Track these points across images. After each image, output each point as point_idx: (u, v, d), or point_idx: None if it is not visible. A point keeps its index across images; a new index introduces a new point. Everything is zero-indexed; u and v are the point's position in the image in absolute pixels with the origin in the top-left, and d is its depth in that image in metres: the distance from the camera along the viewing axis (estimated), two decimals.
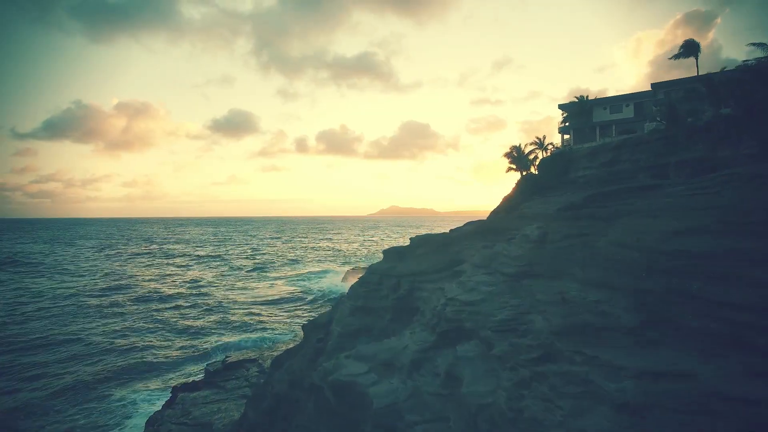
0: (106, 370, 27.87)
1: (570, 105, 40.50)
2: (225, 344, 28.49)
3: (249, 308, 38.70)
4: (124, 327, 33.01)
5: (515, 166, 51.70)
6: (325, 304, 37.93)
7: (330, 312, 25.44)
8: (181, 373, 28.38)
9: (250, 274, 62.13)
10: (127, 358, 27.82)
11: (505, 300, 19.48)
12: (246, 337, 29.86)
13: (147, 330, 32.02)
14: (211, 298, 43.76)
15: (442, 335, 20.41)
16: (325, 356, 25.49)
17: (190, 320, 34.53)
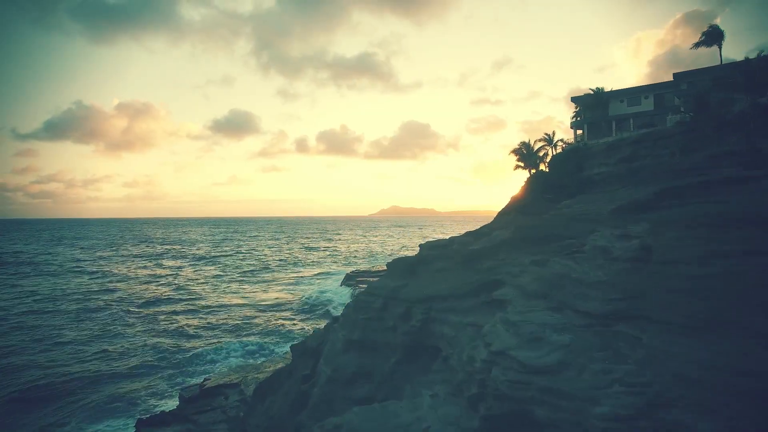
0: (68, 392, 25.04)
1: (584, 98, 37.80)
2: (208, 358, 25.84)
3: (239, 315, 36.09)
4: (99, 335, 30.46)
5: (523, 164, 49.00)
6: (321, 313, 35.32)
7: (322, 334, 21.70)
8: (154, 398, 25.36)
9: (245, 276, 59.53)
10: (96, 376, 25.09)
11: (604, 368, 11.30)
12: (233, 349, 27.23)
13: (125, 339, 29.46)
14: (201, 303, 41.18)
15: (490, 421, 12.93)
16: (309, 410, 20.00)
17: (174, 329, 31.93)
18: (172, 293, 46.46)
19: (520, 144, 46.12)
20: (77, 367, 28.29)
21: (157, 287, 51.05)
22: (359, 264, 70.95)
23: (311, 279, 54.89)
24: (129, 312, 38.34)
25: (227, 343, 28.50)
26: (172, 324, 33.63)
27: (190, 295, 44.07)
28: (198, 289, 48.61)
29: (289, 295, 44.31)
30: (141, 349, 26.90)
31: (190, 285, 50.81)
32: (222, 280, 56.82)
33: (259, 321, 33.77)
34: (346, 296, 39.56)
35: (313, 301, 40.56)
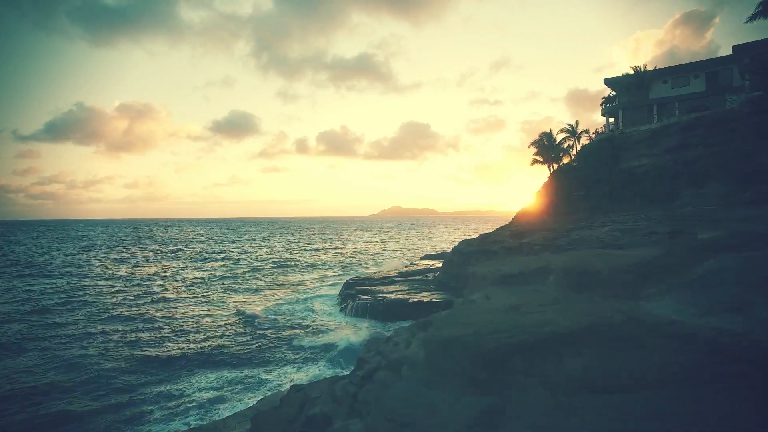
0: None
1: (621, 79, 32.72)
2: (171, 402, 20.83)
3: (219, 332, 30.93)
4: (45, 361, 25.58)
5: (542, 158, 43.96)
6: (313, 331, 30.19)
7: (302, 396, 15.92)
8: None
9: (234, 282, 54.28)
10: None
11: None
12: (206, 384, 22.02)
13: (72, 366, 24.59)
14: (176, 315, 36.10)
15: None
16: None
17: (140, 352, 26.85)
18: (147, 303, 41.27)
19: (541, 135, 41.06)
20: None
21: (130, 294, 45.89)
22: (360, 268, 65.59)
23: (305, 287, 49.57)
24: (90, 326, 33.23)
25: (201, 373, 23.33)
26: (137, 345, 28.55)
27: (165, 307, 38.85)
28: (177, 298, 43.33)
29: (278, 307, 38.96)
30: (91, 381, 21.96)
31: (169, 293, 45.55)
32: (207, 285, 51.59)
33: (240, 341, 28.57)
34: (343, 315, 34.39)
35: (297, 326, 35.25)
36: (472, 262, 35.77)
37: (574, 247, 26.75)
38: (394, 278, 42.29)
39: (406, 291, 36.66)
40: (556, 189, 35.45)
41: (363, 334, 28.09)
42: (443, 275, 39.07)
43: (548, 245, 29.49)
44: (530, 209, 38.27)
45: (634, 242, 21.87)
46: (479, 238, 37.27)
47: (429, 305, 31.96)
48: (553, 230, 31.07)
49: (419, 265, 51.94)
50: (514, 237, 33.57)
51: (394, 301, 33.02)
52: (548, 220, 33.85)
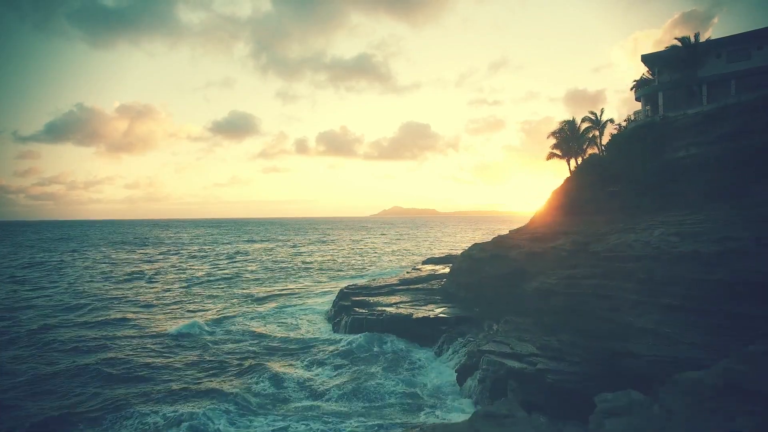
0: None
1: (665, 54, 27.72)
2: None
3: (189, 360, 25.76)
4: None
5: (560, 152, 38.99)
6: (300, 356, 25.20)
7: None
8: None
9: (219, 289, 49.35)
10: None
11: None
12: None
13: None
14: (145, 336, 31.06)
15: None
16: None
17: (101, 384, 21.97)
18: (113, 317, 36.33)
19: (563, 123, 36.14)
20: None
21: (105, 304, 41.01)
22: (357, 273, 60.60)
23: (295, 296, 44.54)
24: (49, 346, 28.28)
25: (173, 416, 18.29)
26: (98, 374, 23.58)
27: (134, 326, 33.77)
28: (135, 306, 38.37)
29: (253, 322, 33.80)
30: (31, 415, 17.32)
31: (141, 307, 40.55)
32: (189, 292, 46.49)
33: (170, 375, 23.28)
34: (335, 332, 29.33)
35: (282, 333, 30.28)
36: (487, 269, 30.94)
37: (615, 253, 21.90)
38: (394, 287, 37.41)
39: (409, 303, 31.79)
40: (582, 185, 30.54)
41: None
42: (451, 284, 34.20)
43: (580, 251, 24.61)
44: (549, 209, 33.36)
45: (711, 251, 17.00)
46: (493, 242, 32.38)
47: (436, 322, 27.13)
48: (583, 233, 26.17)
49: (422, 270, 47.01)
50: (536, 241, 28.69)
51: (395, 317, 28.13)
52: (573, 222, 28.95)
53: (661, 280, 18.68)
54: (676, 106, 27.22)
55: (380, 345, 25.63)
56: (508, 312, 25.71)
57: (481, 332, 24.84)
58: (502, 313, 26.11)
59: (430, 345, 25.85)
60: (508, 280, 28.20)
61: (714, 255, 16.98)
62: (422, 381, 21.09)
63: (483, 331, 24.91)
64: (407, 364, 23.18)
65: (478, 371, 18.59)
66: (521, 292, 26.51)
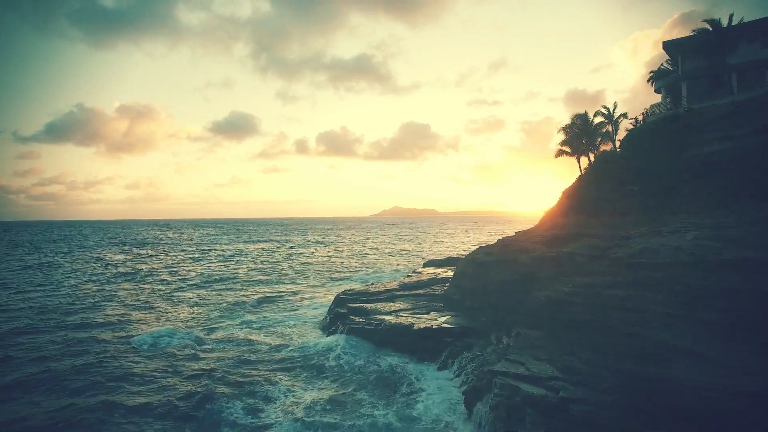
0: None
1: (691, 40, 25.31)
2: None
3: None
4: None
5: (570, 149, 36.67)
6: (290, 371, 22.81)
7: None
8: None
9: (199, 291, 47.07)
10: None
11: None
12: None
13: None
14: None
15: None
16: None
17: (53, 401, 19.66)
18: (88, 321, 34.06)
19: (574, 117, 33.79)
20: None
21: (84, 306, 38.82)
22: (355, 275, 58.25)
23: (287, 301, 42.08)
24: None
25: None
26: (53, 381, 21.31)
27: (106, 330, 31.44)
28: (124, 320, 35.97)
29: (238, 332, 31.35)
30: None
31: (120, 310, 38.25)
32: (176, 295, 44.21)
33: (135, 386, 20.95)
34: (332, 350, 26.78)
35: (268, 346, 27.83)
36: (493, 274, 28.59)
37: (641, 260, 19.55)
38: (394, 292, 35.07)
39: (410, 311, 29.43)
40: (596, 184, 28.21)
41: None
42: (454, 290, 31.86)
43: (598, 257, 22.24)
44: (560, 209, 31.01)
45: (761, 259, 14.65)
46: (500, 245, 30.03)
47: (439, 333, 24.77)
48: (601, 236, 23.83)
49: (423, 273, 44.65)
50: (548, 244, 26.35)
51: (394, 327, 25.77)
52: (588, 223, 26.63)
53: (697, 292, 16.37)
54: (701, 97, 24.88)
55: (376, 361, 23.22)
56: (517, 322, 23.38)
57: (489, 345, 22.47)
58: (511, 323, 23.78)
59: (433, 359, 23.51)
60: (516, 287, 25.86)
61: (765, 264, 14.62)
62: (423, 406, 18.62)
63: (491, 344, 22.53)
64: (405, 386, 20.67)
65: (490, 395, 16.22)
66: (532, 300, 24.15)
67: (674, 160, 24.18)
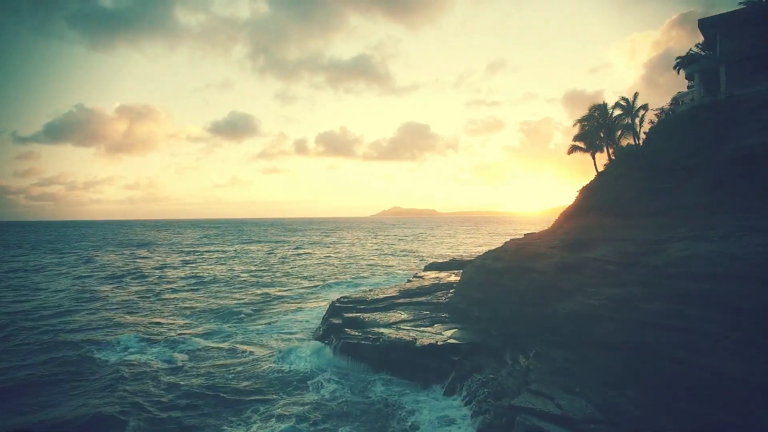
0: None
1: (733, 15, 22.29)
2: None
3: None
4: None
5: (584, 144, 33.70)
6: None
7: None
8: None
9: (183, 294, 44.18)
10: None
11: None
12: None
13: None
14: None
15: None
16: None
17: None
18: (48, 323, 31.13)
19: (592, 108, 30.80)
20: None
21: (55, 309, 35.99)
22: (352, 279, 55.19)
23: (275, 309, 38.95)
24: None
25: None
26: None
27: (62, 334, 28.53)
28: (83, 324, 32.97)
29: (226, 343, 28.39)
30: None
31: (86, 314, 35.32)
32: (153, 299, 41.30)
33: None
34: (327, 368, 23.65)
35: (257, 357, 24.96)
36: (505, 282, 25.59)
37: (684, 269, 16.58)
38: (394, 300, 32.05)
39: (411, 322, 26.42)
40: (621, 181, 25.23)
41: None
42: (460, 298, 28.84)
43: (632, 265, 19.23)
44: (578, 210, 28.03)
45: None
46: (512, 250, 27.03)
47: (444, 350, 21.73)
48: (630, 240, 20.82)
49: (425, 278, 41.64)
50: (568, 249, 23.34)
51: (394, 343, 22.71)
52: (614, 226, 23.64)
53: (763, 312, 13.43)
54: (743, 82, 21.91)
55: (368, 389, 20.09)
56: (535, 339, 20.39)
57: (504, 366, 19.48)
58: (528, 339, 20.78)
59: (438, 381, 20.51)
60: (533, 298, 22.84)
61: None
62: None
63: (506, 365, 19.53)
64: (402, 422, 17.51)
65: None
66: (552, 314, 21.14)
67: (712, 154, 21.21)
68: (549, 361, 17.55)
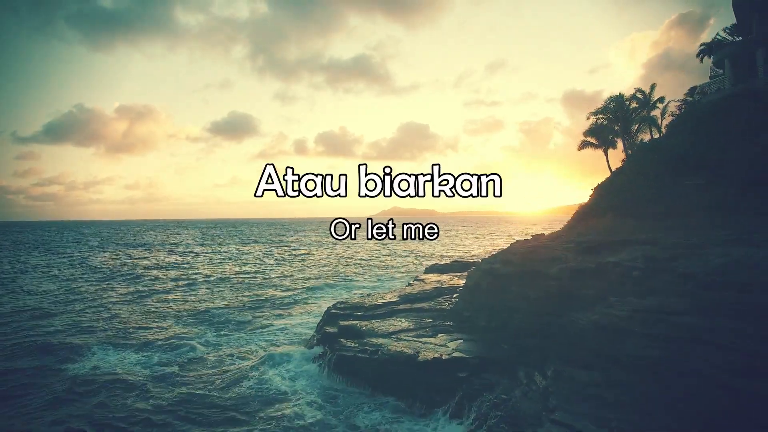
0: None
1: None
2: None
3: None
4: None
5: (597, 139, 31.71)
6: None
7: None
8: None
9: (169, 296, 42.16)
10: None
11: None
12: None
13: None
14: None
15: None
16: None
17: None
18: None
19: (608, 100, 28.72)
20: None
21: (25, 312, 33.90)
22: (352, 284, 53.06)
23: (271, 314, 36.78)
24: None
25: None
26: None
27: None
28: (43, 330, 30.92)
29: (206, 354, 26.21)
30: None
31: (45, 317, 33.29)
32: (133, 302, 39.26)
33: None
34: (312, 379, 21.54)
35: (237, 371, 22.73)
36: (515, 289, 23.45)
37: (725, 278, 14.46)
38: (394, 305, 29.92)
39: (413, 332, 24.27)
40: (642, 178, 23.13)
41: None
42: (465, 305, 26.68)
43: (661, 271, 17.09)
44: (595, 209, 25.90)
45: None
46: (523, 253, 24.86)
47: (451, 366, 19.56)
48: (657, 243, 18.70)
49: (426, 281, 39.48)
50: (585, 252, 21.22)
51: (394, 357, 20.56)
52: (634, 226, 21.54)
53: None
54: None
55: (361, 418, 17.84)
56: (551, 354, 18.25)
57: (518, 386, 17.32)
58: (543, 354, 18.64)
59: (442, 401, 18.35)
60: (547, 307, 20.70)
61: None
62: None
63: (520, 383, 17.38)
64: None
65: None
66: (569, 325, 19.02)
67: (748, 147, 19.09)
68: (571, 382, 15.42)
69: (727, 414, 11.41)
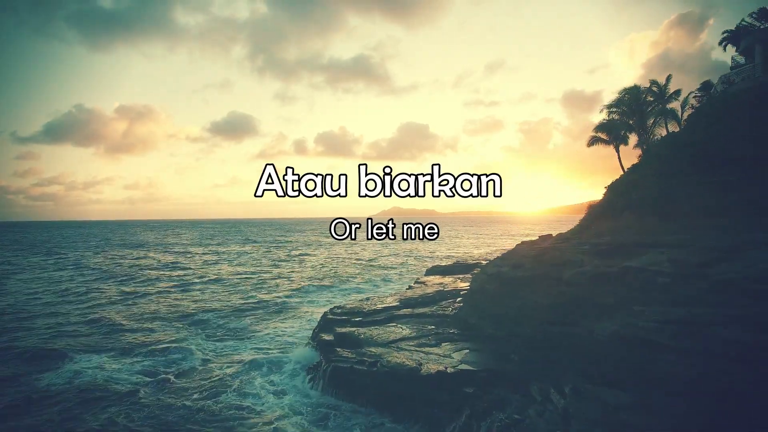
0: None
1: None
2: None
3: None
4: None
5: (608, 135, 29.99)
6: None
7: None
8: None
9: (157, 298, 40.52)
10: None
11: None
12: None
13: None
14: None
15: None
16: None
17: None
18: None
19: (622, 92, 26.96)
20: None
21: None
22: (349, 286, 51.27)
23: (265, 318, 34.95)
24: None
25: None
26: None
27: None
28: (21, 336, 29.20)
29: (193, 365, 24.42)
30: None
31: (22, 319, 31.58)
32: (114, 308, 37.57)
33: None
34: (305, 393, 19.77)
35: (222, 383, 20.93)
36: (526, 295, 21.73)
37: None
38: (394, 310, 28.23)
39: (415, 340, 22.54)
40: (663, 175, 21.39)
41: None
42: (470, 311, 24.95)
43: (692, 276, 15.35)
44: (607, 209, 24.14)
45: None
46: (532, 255, 23.12)
47: (457, 380, 17.82)
48: (687, 246, 16.95)
49: (427, 284, 37.78)
50: (603, 255, 19.47)
51: (394, 370, 18.81)
52: (657, 227, 19.80)
53: None
54: None
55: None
56: (567, 368, 16.56)
57: (532, 403, 15.57)
58: (558, 367, 16.93)
59: (448, 421, 16.60)
60: (561, 315, 18.98)
61: None
62: None
63: (534, 401, 15.62)
64: None
65: None
66: (587, 335, 17.32)
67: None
68: (593, 402, 13.71)
69: None
